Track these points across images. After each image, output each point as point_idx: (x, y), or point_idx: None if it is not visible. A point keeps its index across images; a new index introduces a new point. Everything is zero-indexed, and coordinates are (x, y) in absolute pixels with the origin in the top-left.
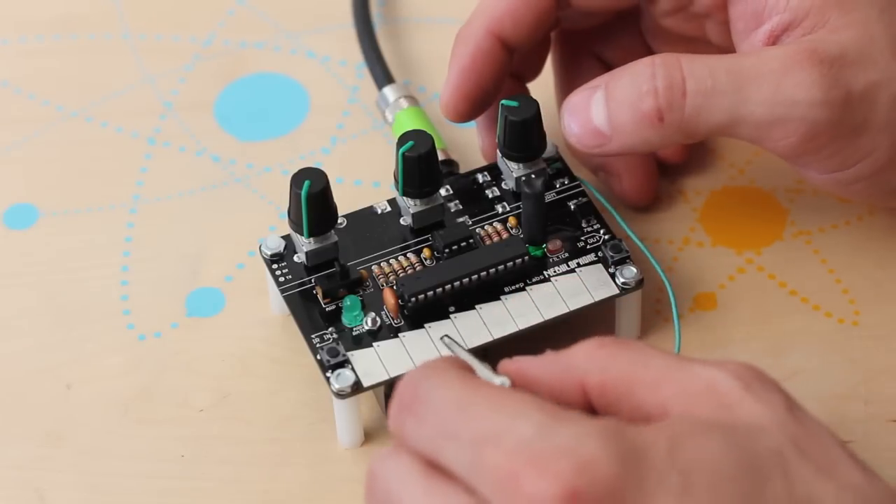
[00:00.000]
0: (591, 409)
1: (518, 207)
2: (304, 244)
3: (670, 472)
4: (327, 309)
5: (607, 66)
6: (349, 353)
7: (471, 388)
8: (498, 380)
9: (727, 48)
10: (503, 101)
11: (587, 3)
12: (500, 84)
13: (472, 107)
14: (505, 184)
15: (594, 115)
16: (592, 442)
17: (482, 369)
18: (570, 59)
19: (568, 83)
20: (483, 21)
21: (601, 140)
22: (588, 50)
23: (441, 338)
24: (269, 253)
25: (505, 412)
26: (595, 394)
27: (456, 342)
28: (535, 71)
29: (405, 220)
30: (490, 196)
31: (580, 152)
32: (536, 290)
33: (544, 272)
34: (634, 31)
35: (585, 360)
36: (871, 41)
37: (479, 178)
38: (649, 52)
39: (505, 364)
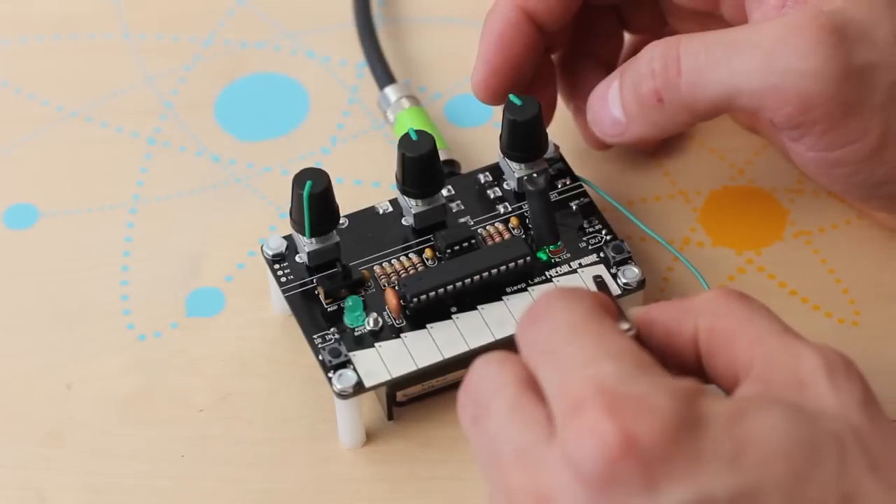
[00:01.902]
0: (697, 354)
1: (520, 207)
2: (306, 244)
3: (726, 441)
4: (329, 309)
5: (605, 68)
6: (351, 354)
7: (590, 320)
8: (625, 325)
9: (740, 24)
10: (510, 96)
11: None
12: (531, 63)
13: (505, 83)
14: (507, 184)
15: (611, 104)
16: (663, 396)
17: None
18: (570, 61)
19: (568, 86)
20: None
21: (619, 129)
22: (588, 52)
23: (594, 277)
24: (270, 253)
25: (603, 349)
26: (703, 338)
27: (606, 283)
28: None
29: (407, 221)
30: (492, 196)
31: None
32: (538, 291)
33: (546, 273)
34: (654, 6)
35: (704, 304)
36: (876, 23)
37: (481, 178)
38: (667, 26)
39: (634, 310)
